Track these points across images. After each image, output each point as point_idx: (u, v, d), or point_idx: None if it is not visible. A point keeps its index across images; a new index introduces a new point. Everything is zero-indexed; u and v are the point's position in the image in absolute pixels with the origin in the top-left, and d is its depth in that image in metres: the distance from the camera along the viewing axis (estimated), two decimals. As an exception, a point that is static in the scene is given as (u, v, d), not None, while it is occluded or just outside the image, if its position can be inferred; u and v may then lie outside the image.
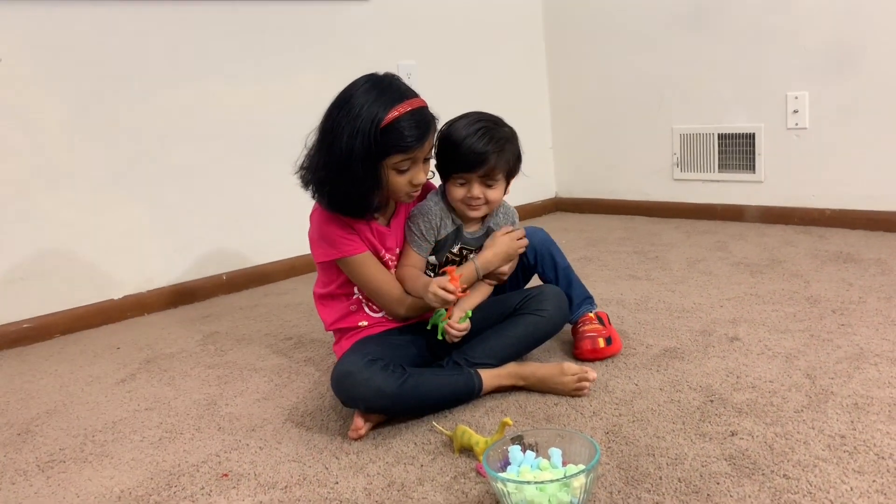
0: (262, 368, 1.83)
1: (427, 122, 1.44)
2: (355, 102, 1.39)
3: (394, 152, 1.41)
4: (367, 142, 1.38)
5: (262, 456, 1.37)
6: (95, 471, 1.38)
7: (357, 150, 1.38)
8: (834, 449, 1.20)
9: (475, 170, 1.53)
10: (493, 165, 1.54)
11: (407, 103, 1.41)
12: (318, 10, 2.75)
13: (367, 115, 1.38)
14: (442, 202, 1.61)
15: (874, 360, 1.52)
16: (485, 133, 1.54)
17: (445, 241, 1.62)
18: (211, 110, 2.54)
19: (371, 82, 1.43)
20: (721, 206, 3.03)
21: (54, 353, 2.12)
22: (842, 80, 2.61)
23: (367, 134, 1.37)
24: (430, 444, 1.35)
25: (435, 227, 1.60)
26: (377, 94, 1.40)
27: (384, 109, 1.38)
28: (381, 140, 1.39)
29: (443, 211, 1.60)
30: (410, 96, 1.44)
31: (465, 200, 1.56)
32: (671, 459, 1.22)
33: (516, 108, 3.39)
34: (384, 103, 1.39)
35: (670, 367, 1.59)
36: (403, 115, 1.40)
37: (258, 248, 2.69)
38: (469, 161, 1.53)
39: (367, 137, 1.37)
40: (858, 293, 1.96)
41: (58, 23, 2.22)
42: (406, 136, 1.40)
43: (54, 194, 2.26)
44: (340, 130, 1.39)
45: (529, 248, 1.74)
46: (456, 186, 1.56)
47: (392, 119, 1.38)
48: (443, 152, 1.56)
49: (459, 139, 1.53)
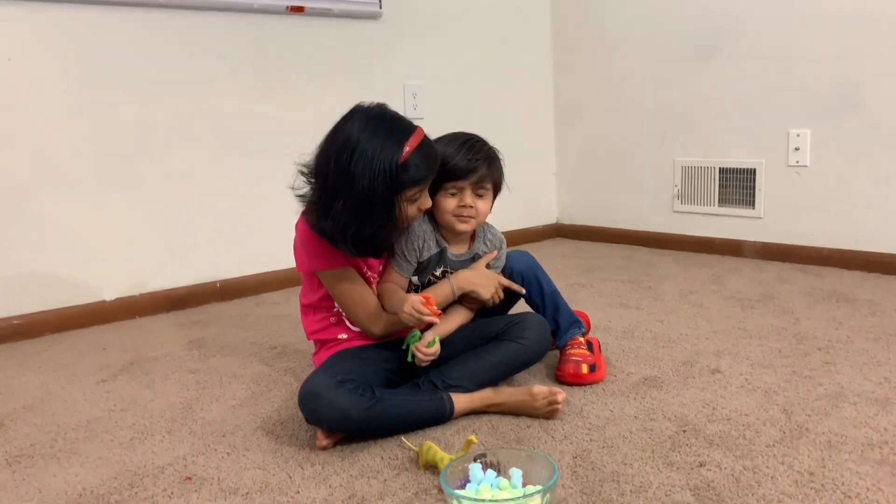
0: (243, 376, 1.83)
1: (434, 153, 1.48)
2: (367, 147, 1.38)
3: (408, 186, 1.42)
4: (387, 183, 1.39)
5: (228, 462, 1.37)
6: (62, 467, 1.38)
7: (379, 193, 1.38)
8: (801, 485, 1.18)
9: (468, 177, 1.55)
10: (486, 173, 1.57)
11: (414, 137, 1.43)
12: (327, 25, 2.78)
13: (384, 158, 1.38)
14: (427, 224, 1.61)
15: (853, 400, 1.51)
16: (474, 144, 1.58)
17: (429, 262, 1.62)
18: (212, 119, 2.56)
19: (373, 121, 1.42)
20: (720, 240, 3.02)
21: (41, 350, 2.13)
22: (844, 120, 2.61)
23: (387, 175, 1.38)
24: (397, 460, 1.34)
25: (417, 249, 1.59)
26: (385, 134, 1.40)
27: (398, 149, 1.39)
28: (398, 178, 1.40)
29: (426, 233, 1.60)
30: (413, 129, 1.45)
31: (455, 211, 1.56)
32: (635, 487, 1.20)
33: (521, 132, 3.46)
34: (395, 142, 1.40)
35: (647, 396, 1.58)
36: (415, 150, 1.41)
37: (254, 258, 2.70)
38: (461, 168, 1.54)
39: (388, 178, 1.38)
40: (847, 332, 1.94)
41: (63, 24, 2.26)
42: (421, 170, 1.42)
43: (52, 194, 2.29)
44: (359, 175, 1.37)
45: (516, 273, 1.74)
46: (447, 197, 1.56)
47: (406, 156, 1.40)
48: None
49: (451, 149, 1.55)
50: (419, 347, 1.51)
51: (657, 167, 3.20)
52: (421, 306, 1.42)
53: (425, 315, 1.42)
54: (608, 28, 3.30)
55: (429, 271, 1.62)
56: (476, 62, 3.27)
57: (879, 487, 1.16)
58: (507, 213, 3.46)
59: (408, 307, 1.43)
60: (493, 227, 1.73)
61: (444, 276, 1.63)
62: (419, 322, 1.45)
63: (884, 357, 1.74)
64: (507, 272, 1.73)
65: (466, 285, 1.60)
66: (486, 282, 1.62)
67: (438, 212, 1.58)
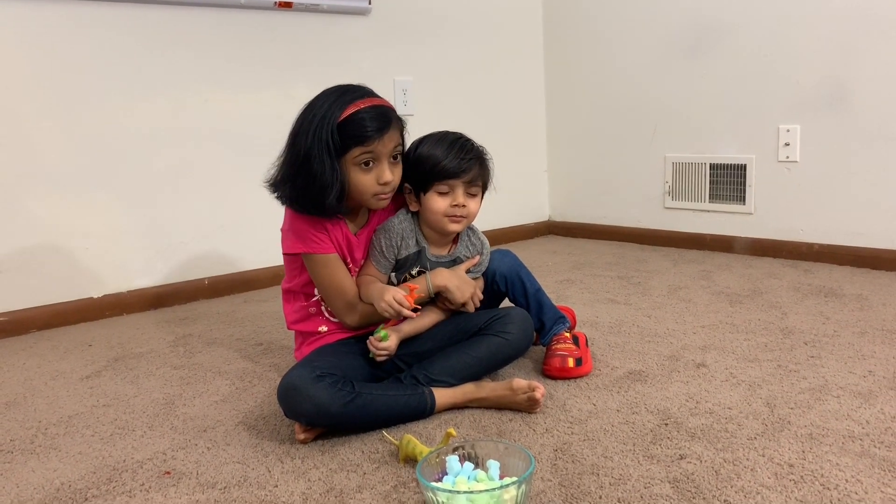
0: (227, 372, 1.83)
1: (388, 117, 1.44)
2: (317, 103, 1.42)
3: (353, 145, 1.40)
4: (325, 136, 1.38)
5: (207, 456, 1.36)
6: (41, 462, 1.37)
7: (314, 147, 1.39)
8: (780, 477, 1.18)
9: (461, 175, 1.53)
10: (478, 173, 1.56)
11: (368, 100, 1.42)
12: (314, 22, 2.77)
13: (325, 112, 1.40)
14: (408, 222, 1.59)
15: (837, 393, 1.50)
16: (464, 144, 1.57)
17: (406, 261, 1.60)
18: (200, 115, 2.56)
19: (337, 87, 1.45)
20: (710, 236, 3.02)
21: (27, 347, 2.12)
22: (833, 116, 2.60)
23: (324, 128, 1.38)
24: (377, 453, 1.34)
25: (395, 246, 1.58)
26: (338, 95, 1.42)
27: (342, 106, 1.40)
28: (340, 134, 1.39)
29: (406, 231, 1.58)
30: (373, 96, 1.45)
31: (448, 211, 1.54)
32: (614, 479, 1.20)
33: (512, 129, 3.45)
34: (344, 101, 1.41)
35: (631, 390, 1.57)
36: (362, 108, 1.40)
37: (242, 255, 2.69)
38: (453, 167, 1.52)
39: (325, 131, 1.38)
40: (834, 327, 1.93)
41: (49, 23, 2.25)
42: (364, 128, 1.40)
43: (39, 191, 2.28)
44: (302, 130, 1.41)
45: (499, 275, 1.72)
46: (437, 197, 1.54)
47: (350, 113, 1.39)
48: (421, 165, 1.54)
49: (441, 149, 1.53)
50: (371, 341, 1.50)
51: (648, 163, 3.20)
52: (402, 298, 1.41)
53: (404, 308, 1.42)
54: (599, 25, 3.30)
55: (405, 270, 1.61)
56: (466, 59, 3.27)
57: (858, 479, 1.16)
58: (499, 210, 3.48)
59: (388, 297, 1.42)
60: (478, 230, 1.70)
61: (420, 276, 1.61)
62: (396, 315, 1.44)
63: (869, 351, 1.74)
64: (490, 275, 1.71)
65: (441, 284, 1.58)
66: (462, 285, 1.60)
67: (429, 213, 1.56)
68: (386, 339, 1.51)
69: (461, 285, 1.60)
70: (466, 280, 1.62)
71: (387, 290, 1.44)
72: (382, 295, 1.44)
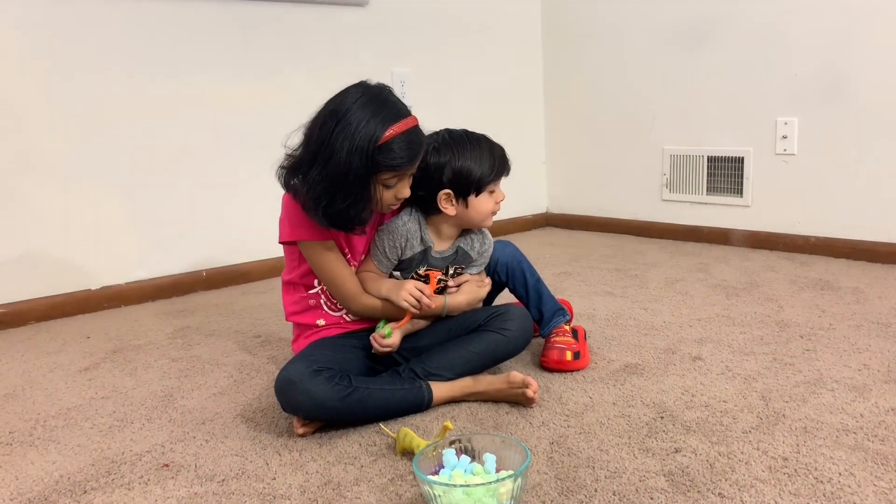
0: (225, 364, 1.83)
1: (420, 143, 1.46)
2: (352, 118, 1.37)
3: (384, 170, 1.41)
4: (364, 160, 1.37)
5: (206, 449, 1.37)
6: (40, 455, 1.38)
7: (355, 169, 1.37)
8: (774, 471, 1.19)
9: (504, 172, 1.60)
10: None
11: (402, 123, 1.41)
12: (312, 14, 2.77)
13: (365, 133, 1.37)
14: (413, 223, 1.59)
15: (832, 386, 1.51)
16: (493, 145, 1.61)
17: (412, 261, 1.60)
18: (198, 107, 2.55)
19: (367, 96, 1.41)
20: (708, 228, 3.02)
21: (25, 339, 2.13)
22: (831, 108, 2.60)
23: (364, 152, 1.37)
24: (375, 446, 1.35)
25: (399, 248, 1.58)
26: (374, 111, 1.39)
27: (381, 127, 1.38)
28: (376, 158, 1.39)
29: (411, 232, 1.58)
30: (405, 115, 1.44)
31: (494, 209, 1.60)
32: (610, 472, 1.21)
33: (510, 121, 3.45)
34: (381, 121, 1.39)
35: (627, 383, 1.58)
36: (399, 135, 1.40)
37: (240, 247, 2.69)
38: (500, 170, 1.59)
39: (364, 156, 1.37)
40: (829, 320, 1.94)
41: (46, 14, 2.24)
42: (398, 156, 1.40)
43: (37, 183, 2.28)
44: (339, 147, 1.37)
45: (501, 264, 1.74)
46: (486, 198, 1.58)
47: (388, 138, 1.39)
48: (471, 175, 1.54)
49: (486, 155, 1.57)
50: (376, 337, 1.52)
51: (646, 156, 3.20)
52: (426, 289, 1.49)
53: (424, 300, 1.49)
54: (597, 17, 3.29)
55: (411, 269, 1.61)
56: (465, 50, 3.26)
57: (851, 472, 1.17)
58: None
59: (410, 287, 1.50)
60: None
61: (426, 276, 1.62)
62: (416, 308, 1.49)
63: (864, 344, 1.75)
64: (491, 264, 1.72)
65: (457, 310, 1.63)
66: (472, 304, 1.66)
67: (476, 214, 1.57)
68: (389, 336, 1.52)
69: (470, 306, 1.65)
70: (478, 299, 1.66)
71: (404, 283, 1.47)
72: (402, 286, 1.48)
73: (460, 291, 1.63)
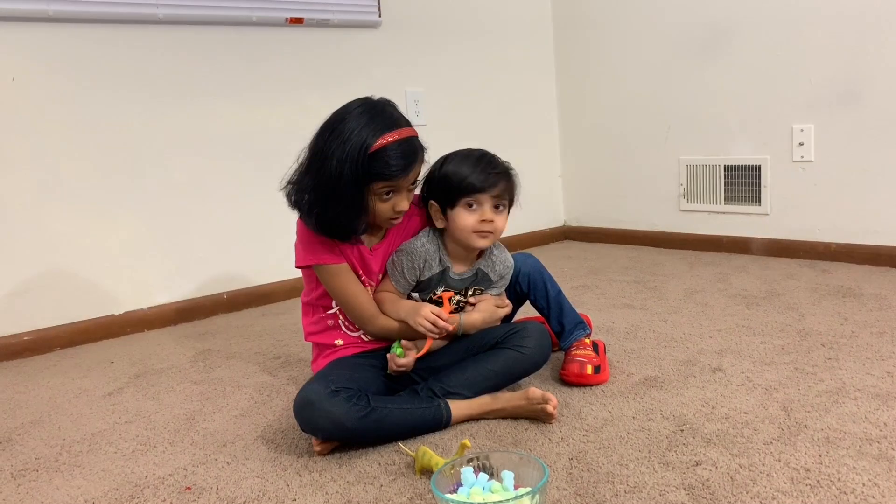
0: (246, 386, 1.85)
1: (414, 153, 1.45)
2: (346, 127, 1.40)
3: (377, 179, 1.41)
4: (354, 168, 1.38)
5: (227, 471, 1.38)
6: (65, 480, 1.40)
7: (346, 176, 1.38)
8: (796, 482, 1.17)
9: (489, 190, 1.52)
10: (505, 187, 1.56)
11: (396, 132, 1.41)
12: (326, 36, 2.80)
13: (356, 141, 1.38)
14: (432, 243, 1.59)
15: (854, 395, 1.49)
16: (491, 159, 1.58)
17: (430, 282, 1.60)
18: (216, 130, 2.59)
19: (364, 107, 1.44)
20: (727, 237, 3.00)
21: (50, 365, 2.16)
22: (847, 114, 2.59)
23: (355, 160, 1.38)
24: (394, 465, 1.35)
25: (418, 269, 1.58)
26: (368, 120, 1.40)
27: (373, 136, 1.39)
28: (368, 166, 1.39)
29: (429, 253, 1.58)
30: (402, 125, 1.44)
31: (476, 227, 1.53)
32: (629, 487, 1.20)
33: (525, 136, 3.46)
34: (374, 130, 1.40)
35: (647, 396, 1.58)
36: (391, 143, 1.40)
37: (260, 268, 2.72)
38: (481, 182, 1.52)
39: (354, 163, 1.38)
40: (852, 328, 1.92)
41: (66, 43, 2.29)
42: (391, 165, 1.40)
43: (59, 210, 2.32)
44: (330, 154, 1.39)
45: (523, 274, 1.74)
46: (465, 212, 1.53)
47: (380, 146, 1.39)
48: (447, 181, 1.54)
49: (468, 165, 1.54)
50: (393, 358, 1.53)
51: (662, 166, 3.19)
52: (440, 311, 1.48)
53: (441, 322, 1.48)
54: (609, 29, 3.30)
55: (429, 290, 1.61)
56: (477, 67, 3.28)
57: (875, 482, 1.15)
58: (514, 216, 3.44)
59: (426, 312, 1.48)
60: (503, 248, 1.69)
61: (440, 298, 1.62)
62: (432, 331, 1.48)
63: (888, 351, 1.73)
64: (514, 274, 1.72)
65: (473, 328, 1.62)
66: (489, 323, 1.64)
67: (457, 229, 1.55)
68: (402, 356, 1.53)
69: (487, 324, 1.63)
70: (495, 318, 1.65)
71: (421, 306, 1.47)
72: (419, 311, 1.48)
73: (476, 309, 1.63)
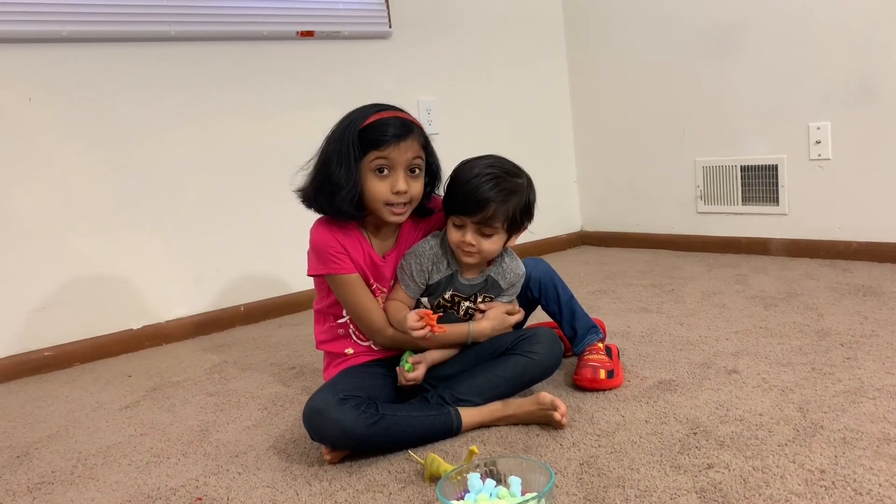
0: (260, 397, 1.86)
1: (409, 127, 1.46)
2: (348, 115, 1.49)
3: (370, 149, 1.44)
4: (346, 140, 1.44)
5: (238, 481, 1.38)
6: (80, 492, 1.41)
7: (336, 149, 1.45)
8: (811, 484, 1.15)
9: (472, 214, 1.48)
10: (492, 214, 1.47)
11: (393, 112, 1.47)
12: (337, 48, 2.82)
13: (351, 120, 1.46)
14: (439, 246, 1.58)
15: (873, 395, 1.46)
16: (492, 179, 1.48)
17: (438, 285, 1.59)
18: (230, 144, 2.62)
19: (372, 103, 1.51)
20: (746, 239, 2.97)
21: (70, 380, 2.19)
22: (864, 111, 2.55)
23: (347, 133, 1.44)
24: (404, 473, 1.34)
25: (426, 271, 1.57)
26: (369, 106, 1.49)
27: (368, 114, 1.46)
28: (361, 139, 1.44)
29: (437, 255, 1.57)
30: (401, 111, 1.49)
31: (458, 245, 1.52)
32: (640, 492, 1.19)
33: (540, 141, 3.45)
34: (371, 111, 1.47)
35: (661, 400, 1.56)
36: (385, 117, 1.44)
37: (276, 280, 2.74)
38: (467, 204, 1.48)
39: (347, 136, 1.44)
40: (872, 327, 1.88)
41: (80, 62, 2.33)
42: (383, 133, 1.43)
43: (77, 227, 2.35)
44: (331, 137, 1.49)
45: (534, 280, 1.73)
46: (453, 228, 1.53)
47: (372, 120, 1.44)
48: (449, 190, 1.54)
49: (465, 180, 1.50)
50: (402, 372, 1.53)
51: (678, 168, 3.16)
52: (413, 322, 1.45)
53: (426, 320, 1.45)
54: (621, 31, 3.28)
55: (438, 294, 1.60)
56: (490, 75, 3.28)
57: (892, 483, 1.12)
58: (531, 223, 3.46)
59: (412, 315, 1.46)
60: (514, 256, 1.66)
61: (452, 300, 1.61)
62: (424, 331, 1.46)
63: (908, 350, 1.69)
64: (525, 280, 1.70)
65: (482, 336, 1.61)
66: (499, 331, 1.63)
67: (448, 239, 1.56)
68: (410, 370, 1.53)
69: (496, 332, 1.62)
70: (505, 326, 1.64)
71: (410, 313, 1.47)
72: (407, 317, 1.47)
73: (486, 317, 1.61)
